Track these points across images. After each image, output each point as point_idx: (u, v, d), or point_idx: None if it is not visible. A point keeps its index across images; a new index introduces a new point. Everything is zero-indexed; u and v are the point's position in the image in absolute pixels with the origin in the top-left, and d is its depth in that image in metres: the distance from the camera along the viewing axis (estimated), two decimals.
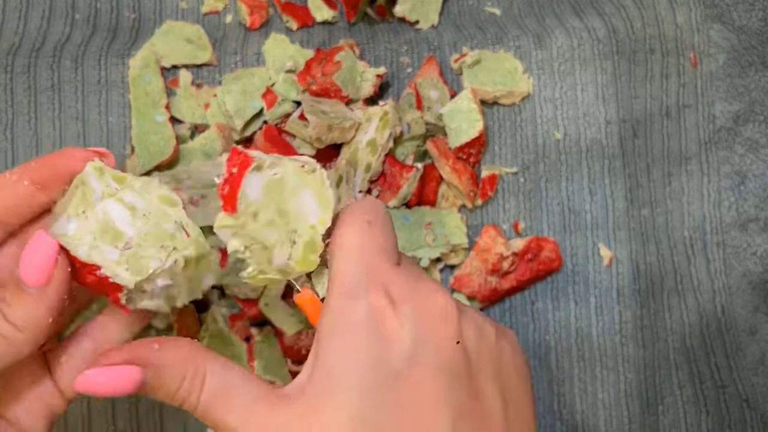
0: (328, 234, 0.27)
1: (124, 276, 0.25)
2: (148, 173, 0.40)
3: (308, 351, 0.25)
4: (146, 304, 0.26)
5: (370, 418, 0.22)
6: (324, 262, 0.27)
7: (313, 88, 0.41)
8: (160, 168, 0.40)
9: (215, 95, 0.42)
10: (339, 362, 0.23)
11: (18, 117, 0.42)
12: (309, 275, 0.28)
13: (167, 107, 0.42)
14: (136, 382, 0.24)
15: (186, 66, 0.43)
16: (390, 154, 0.42)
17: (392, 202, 0.41)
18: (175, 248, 0.26)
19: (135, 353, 0.25)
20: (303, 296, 0.27)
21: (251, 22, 0.45)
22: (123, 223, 0.25)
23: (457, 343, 0.24)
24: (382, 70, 0.42)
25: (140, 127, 0.41)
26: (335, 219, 0.27)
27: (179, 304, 0.27)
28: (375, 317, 0.24)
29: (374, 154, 0.41)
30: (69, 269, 0.24)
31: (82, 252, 0.25)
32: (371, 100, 0.43)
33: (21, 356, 0.24)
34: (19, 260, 0.24)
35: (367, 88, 0.42)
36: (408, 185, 0.41)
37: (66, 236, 0.25)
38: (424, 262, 0.41)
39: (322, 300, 0.27)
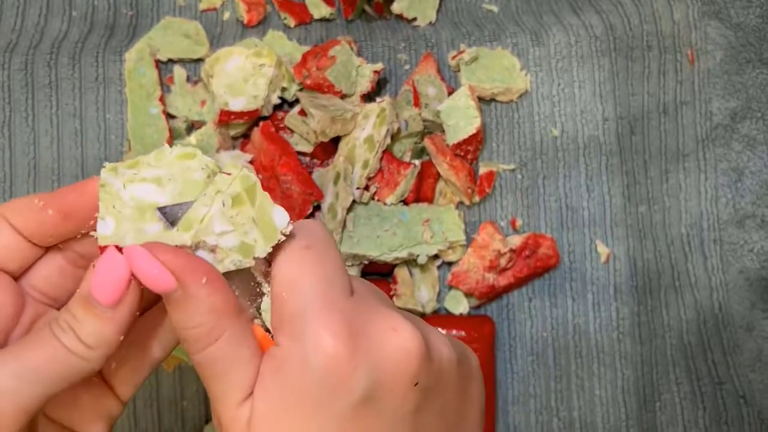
0: (269, 263, 0.25)
1: (176, 237, 0.24)
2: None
3: None
4: (226, 265, 0.24)
5: None
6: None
7: (308, 82, 0.41)
8: None
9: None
10: (282, 412, 0.22)
11: (15, 114, 0.42)
12: (258, 309, 0.25)
13: (161, 100, 0.42)
14: (165, 290, 0.23)
15: (182, 60, 0.43)
16: (387, 151, 0.42)
17: (390, 199, 0.41)
18: (218, 191, 0.24)
19: (183, 268, 0.23)
20: (254, 333, 0.25)
21: (249, 19, 0.45)
22: (154, 196, 0.24)
23: (415, 384, 0.23)
24: (379, 66, 0.42)
25: (135, 120, 0.41)
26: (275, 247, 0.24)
27: (261, 253, 0.24)
28: (325, 362, 0.22)
29: (372, 150, 0.41)
30: (140, 288, 0.23)
31: (129, 241, 0.24)
32: (368, 97, 0.43)
33: (91, 374, 0.23)
34: (88, 278, 0.23)
35: (364, 84, 0.42)
36: (406, 182, 0.41)
37: (108, 237, 0.24)
38: (422, 259, 0.41)
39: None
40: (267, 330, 0.25)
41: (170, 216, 0.24)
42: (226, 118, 0.41)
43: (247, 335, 0.24)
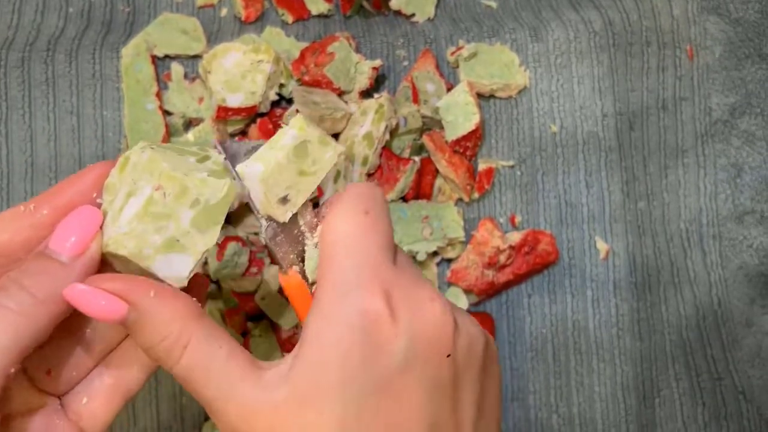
0: (317, 214, 0.26)
1: (211, 183, 0.24)
2: None
3: None
4: (278, 213, 0.25)
5: (349, 428, 0.22)
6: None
7: (306, 78, 0.41)
8: None
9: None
10: (325, 363, 0.22)
11: (12, 111, 0.41)
12: (302, 257, 0.26)
13: (158, 95, 0.42)
14: (119, 318, 0.23)
15: (179, 57, 0.43)
16: (386, 148, 0.42)
17: (390, 196, 0.41)
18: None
19: (128, 289, 0.23)
20: (289, 280, 0.26)
21: (246, 16, 0.45)
22: (159, 206, 0.24)
23: (448, 356, 0.23)
24: (377, 62, 0.42)
25: (132, 116, 0.41)
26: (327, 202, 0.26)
27: (301, 199, 0.25)
28: (370, 322, 0.22)
29: (371, 147, 0.41)
30: (101, 252, 0.23)
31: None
32: (367, 93, 0.43)
33: (38, 336, 0.22)
34: (55, 228, 0.23)
35: (363, 81, 0.42)
36: (405, 178, 0.41)
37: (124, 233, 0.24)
38: (421, 256, 0.41)
39: (312, 284, 0.26)
40: (305, 278, 0.26)
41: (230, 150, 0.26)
42: (223, 114, 0.41)
43: (217, 334, 0.24)
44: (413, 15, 0.46)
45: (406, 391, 0.22)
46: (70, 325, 0.25)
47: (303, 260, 0.26)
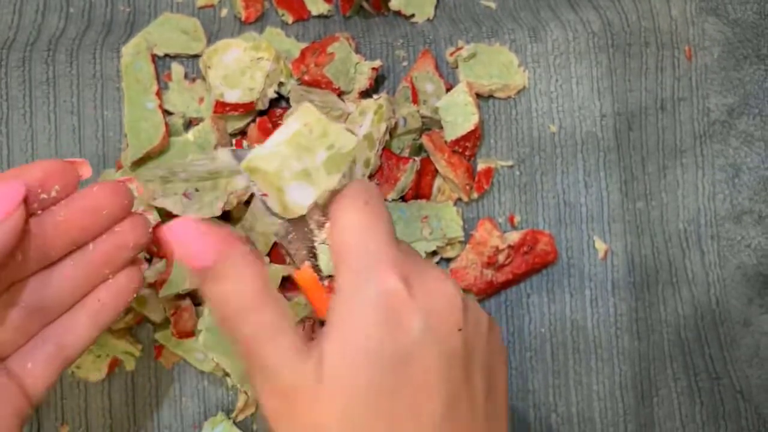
0: (325, 213, 0.28)
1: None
2: (139, 161, 0.40)
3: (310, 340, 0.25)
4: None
5: (372, 400, 0.23)
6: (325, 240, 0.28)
7: (306, 78, 0.41)
8: (150, 155, 0.40)
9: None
10: (353, 342, 0.24)
11: (13, 111, 0.42)
12: (312, 253, 0.28)
13: (158, 94, 0.42)
14: (205, 265, 0.24)
15: (179, 56, 0.43)
16: (386, 148, 0.42)
17: (390, 195, 0.41)
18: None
19: (223, 241, 0.25)
20: (303, 274, 0.28)
21: (246, 16, 0.45)
22: (304, 139, 0.28)
23: (459, 330, 0.25)
24: (377, 63, 0.42)
25: (131, 115, 0.41)
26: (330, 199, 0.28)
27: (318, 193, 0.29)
28: (387, 298, 0.24)
29: (372, 148, 0.41)
30: (22, 225, 0.24)
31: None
32: (366, 94, 0.43)
33: None
34: None
35: (363, 81, 0.42)
36: (405, 177, 0.41)
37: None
38: (421, 256, 0.42)
39: (326, 278, 0.28)
40: (317, 272, 0.28)
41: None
42: (221, 109, 0.41)
43: (284, 305, 0.25)
44: (413, 15, 0.46)
45: (425, 360, 0.24)
46: (17, 293, 0.27)
47: (314, 256, 0.29)
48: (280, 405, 0.24)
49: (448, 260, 0.43)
